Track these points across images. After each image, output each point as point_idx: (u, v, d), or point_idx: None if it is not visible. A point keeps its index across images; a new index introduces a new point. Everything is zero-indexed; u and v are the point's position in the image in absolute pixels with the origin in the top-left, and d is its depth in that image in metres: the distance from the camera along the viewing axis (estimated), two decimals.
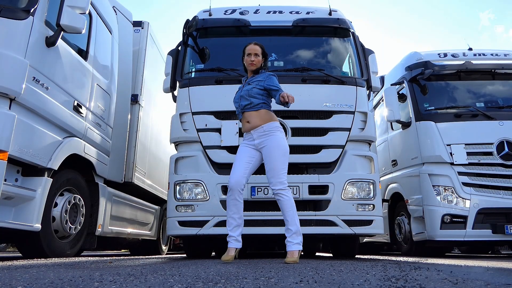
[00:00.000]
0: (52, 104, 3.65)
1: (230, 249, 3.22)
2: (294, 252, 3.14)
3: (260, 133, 3.28)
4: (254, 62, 3.40)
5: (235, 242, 3.24)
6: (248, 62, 3.42)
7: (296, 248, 3.16)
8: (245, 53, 3.46)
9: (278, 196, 3.20)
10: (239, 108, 3.43)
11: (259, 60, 3.43)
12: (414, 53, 6.51)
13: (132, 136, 5.85)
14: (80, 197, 4.21)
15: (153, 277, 1.87)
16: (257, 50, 3.43)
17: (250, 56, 3.41)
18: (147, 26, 6.47)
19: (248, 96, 3.33)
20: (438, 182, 5.47)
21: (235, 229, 3.25)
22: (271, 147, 3.24)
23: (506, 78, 6.17)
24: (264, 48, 3.50)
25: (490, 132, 5.53)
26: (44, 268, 2.46)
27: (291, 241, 3.17)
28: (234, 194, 3.23)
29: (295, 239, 3.17)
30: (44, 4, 3.49)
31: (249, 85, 3.39)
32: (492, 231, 5.21)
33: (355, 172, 4.17)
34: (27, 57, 3.25)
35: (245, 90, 3.38)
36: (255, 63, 3.41)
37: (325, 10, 4.95)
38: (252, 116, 3.31)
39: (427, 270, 2.34)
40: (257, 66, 3.43)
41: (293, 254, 3.12)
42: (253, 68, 3.43)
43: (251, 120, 3.31)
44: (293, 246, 3.16)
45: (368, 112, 4.36)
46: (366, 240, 7.77)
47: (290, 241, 3.18)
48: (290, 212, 3.18)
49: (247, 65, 3.46)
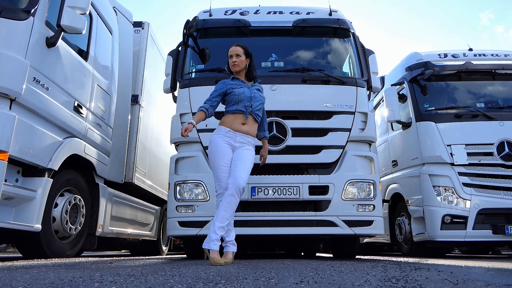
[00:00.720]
0: (53, 104, 3.65)
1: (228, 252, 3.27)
2: (230, 253, 3.24)
3: (244, 141, 3.33)
4: (236, 63, 3.41)
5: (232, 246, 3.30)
6: (231, 64, 3.44)
7: (231, 249, 3.26)
8: (228, 56, 3.49)
9: (236, 193, 3.15)
10: (249, 108, 3.35)
11: (241, 60, 3.42)
12: (414, 53, 6.51)
13: (132, 136, 5.85)
14: (80, 198, 4.21)
15: (153, 278, 1.87)
16: (238, 50, 3.43)
17: (231, 58, 3.43)
18: (147, 26, 6.48)
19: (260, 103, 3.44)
20: (439, 182, 5.47)
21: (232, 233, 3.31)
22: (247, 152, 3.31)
23: (507, 79, 6.17)
24: (247, 49, 3.49)
25: (491, 133, 5.53)
26: (44, 268, 2.46)
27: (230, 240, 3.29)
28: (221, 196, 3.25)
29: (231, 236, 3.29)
30: (44, 4, 3.49)
31: (257, 91, 3.46)
32: (493, 231, 5.21)
33: (356, 172, 4.17)
34: (28, 57, 3.25)
35: (257, 94, 3.43)
36: (237, 64, 3.41)
37: (325, 11, 4.95)
38: (251, 124, 3.38)
39: (428, 271, 2.34)
40: (240, 67, 3.43)
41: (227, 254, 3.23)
42: (236, 69, 3.43)
43: (249, 126, 3.36)
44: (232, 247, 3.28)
45: (368, 113, 4.36)
46: (366, 240, 7.76)
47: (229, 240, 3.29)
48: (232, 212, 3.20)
49: (231, 67, 3.46)
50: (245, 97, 3.34)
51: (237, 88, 3.36)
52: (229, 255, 3.22)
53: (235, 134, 3.30)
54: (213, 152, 3.32)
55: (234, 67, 3.43)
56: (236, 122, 3.33)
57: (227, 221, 3.14)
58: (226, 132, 3.31)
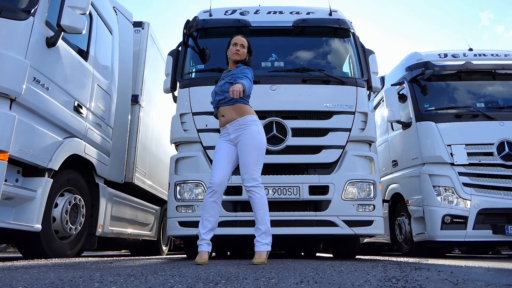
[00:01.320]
0: (53, 104, 3.65)
1: (203, 252, 3.03)
2: (262, 253, 3.01)
3: (235, 127, 3.14)
4: (239, 52, 3.26)
5: (207, 245, 3.08)
6: (233, 51, 3.28)
7: (264, 248, 3.02)
8: (231, 44, 3.34)
9: (250, 193, 3.05)
10: (214, 104, 3.31)
11: (244, 52, 3.30)
12: (414, 53, 6.51)
13: (132, 136, 5.85)
14: (80, 198, 4.21)
15: (153, 278, 1.87)
16: (244, 41, 3.33)
17: (236, 46, 3.29)
18: (148, 26, 6.48)
19: (221, 92, 3.20)
20: (439, 182, 5.47)
21: (209, 232, 3.08)
22: (245, 141, 3.09)
23: (507, 79, 6.17)
24: (250, 45, 3.38)
25: (491, 133, 5.53)
26: (44, 268, 2.46)
27: (260, 241, 3.03)
28: (214, 196, 3.06)
29: (264, 239, 3.03)
30: (44, 4, 3.49)
31: (223, 80, 3.28)
32: (493, 231, 5.21)
33: (356, 172, 4.17)
34: (28, 57, 3.25)
35: (219, 86, 3.27)
36: (240, 53, 3.27)
37: (325, 11, 4.95)
38: (227, 110, 3.18)
39: (428, 271, 2.34)
40: (241, 58, 3.29)
41: (261, 255, 2.99)
42: (237, 58, 3.28)
43: (226, 114, 3.18)
44: (261, 247, 3.02)
45: (368, 113, 4.36)
46: (366, 240, 7.76)
47: (259, 241, 3.03)
48: (261, 211, 3.04)
49: (231, 55, 3.30)
50: (212, 95, 3.33)
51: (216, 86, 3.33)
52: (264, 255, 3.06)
53: (225, 128, 3.21)
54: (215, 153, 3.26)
55: (235, 55, 3.28)
56: (219, 119, 3.27)
57: (268, 221, 3.04)
58: (222, 131, 3.29)
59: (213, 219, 3.08)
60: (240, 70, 3.23)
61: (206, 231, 3.07)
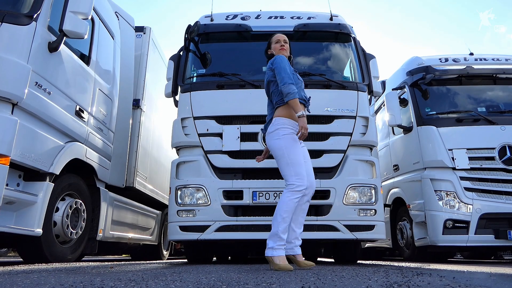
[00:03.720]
0: (54, 108, 3.66)
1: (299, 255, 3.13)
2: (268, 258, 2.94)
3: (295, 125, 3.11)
4: (284, 47, 3.30)
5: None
6: (278, 48, 3.30)
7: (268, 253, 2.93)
8: (273, 42, 3.38)
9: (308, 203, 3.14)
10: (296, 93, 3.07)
11: (288, 47, 3.35)
12: (415, 58, 6.52)
13: (133, 140, 5.86)
14: (81, 202, 4.21)
15: (154, 283, 1.86)
16: (286, 38, 3.38)
17: (279, 42, 3.33)
18: (149, 31, 6.51)
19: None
20: (440, 187, 5.46)
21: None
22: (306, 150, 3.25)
23: (508, 83, 6.17)
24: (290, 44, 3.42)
25: (492, 137, 5.52)
26: (45, 273, 2.46)
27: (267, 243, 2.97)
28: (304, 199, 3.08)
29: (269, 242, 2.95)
30: (47, 9, 3.51)
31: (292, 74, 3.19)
32: (495, 236, 5.18)
33: (357, 177, 4.16)
34: (30, 62, 3.27)
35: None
36: (285, 48, 3.30)
37: (326, 16, 4.97)
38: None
39: (430, 276, 2.33)
40: (287, 53, 3.32)
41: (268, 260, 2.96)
42: (285, 54, 3.28)
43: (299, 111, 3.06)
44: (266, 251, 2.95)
45: (369, 117, 4.36)
46: (368, 245, 7.73)
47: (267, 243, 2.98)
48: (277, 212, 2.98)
49: (277, 51, 3.30)
50: (297, 82, 3.16)
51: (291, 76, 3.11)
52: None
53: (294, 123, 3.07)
54: (291, 146, 3.03)
55: (282, 50, 3.28)
56: (292, 113, 3.07)
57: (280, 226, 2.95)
58: (293, 125, 3.09)
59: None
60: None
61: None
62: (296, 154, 3.03)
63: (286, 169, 3.04)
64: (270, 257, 2.90)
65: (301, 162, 3.04)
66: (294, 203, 2.97)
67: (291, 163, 3.01)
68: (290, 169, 3.01)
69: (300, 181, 2.97)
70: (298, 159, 3.02)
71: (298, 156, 3.03)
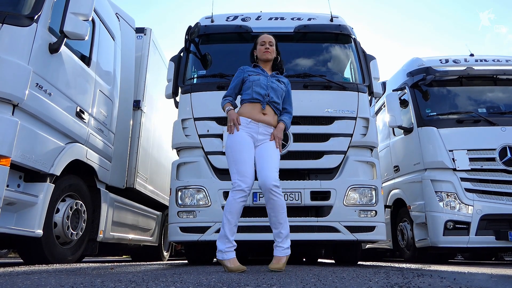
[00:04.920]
0: (55, 110, 3.66)
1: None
2: (282, 258, 2.87)
3: (266, 132, 3.08)
4: (269, 50, 3.21)
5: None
6: (262, 51, 3.22)
7: (285, 253, 2.88)
8: (258, 43, 3.29)
9: (272, 194, 2.87)
10: (267, 97, 3.08)
11: (273, 49, 3.24)
12: (415, 59, 6.52)
13: (134, 141, 5.86)
14: (82, 203, 4.21)
15: (154, 284, 1.86)
16: (271, 39, 3.27)
17: (264, 44, 3.23)
18: (150, 32, 6.52)
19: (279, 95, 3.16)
20: (441, 188, 5.45)
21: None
22: (270, 146, 3.06)
23: (508, 84, 6.17)
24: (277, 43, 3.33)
25: (492, 138, 5.52)
26: (45, 274, 2.46)
27: (281, 246, 2.88)
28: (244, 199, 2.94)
29: (285, 243, 2.89)
30: (47, 11, 3.52)
31: (277, 81, 3.17)
32: (495, 237, 5.18)
33: (357, 178, 4.16)
34: (31, 63, 3.27)
35: (275, 84, 3.15)
36: (270, 51, 3.21)
37: (326, 17, 4.97)
38: (272, 114, 3.12)
39: (430, 277, 2.33)
40: (272, 56, 3.23)
41: (280, 260, 2.86)
42: (268, 56, 3.21)
43: (269, 116, 3.10)
44: (283, 251, 2.87)
45: (370, 118, 4.36)
46: (368, 246, 7.72)
47: (280, 245, 2.89)
48: (283, 214, 2.90)
49: (260, 54, 3.23)
50: (261, 84, 3.09)
51: (253, 75, 3.16)
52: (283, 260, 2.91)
53: (257, 124, 3.04)
54: (235, 144, 2.98)
55: (266, 53, 3.20)
56: (255, 112, 3.06)
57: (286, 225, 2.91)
58: (247, 123, 3.04)
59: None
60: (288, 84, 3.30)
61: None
62: (239, 152, 2.98)
63: (230, 168, 3.02)
64: (221, 260, 2.84)
65: (245, 160, 2.96)
66: (238, 203, 2.87)
67: (233, 161, 2.98)
68: (233, 168, 2.98)
69: (241, 181, 2.90)
70: (241, 157, 2.97)
71: (241, 154, 2.98)
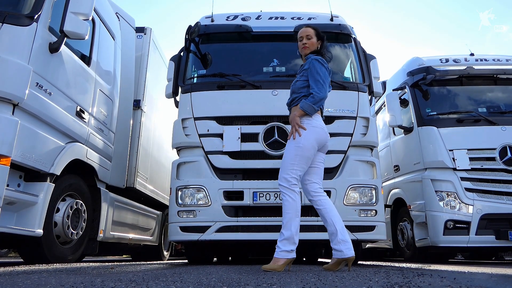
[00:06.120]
0: (55, 109, 3.66)
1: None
2: (278, 260, 2.79)
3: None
4: (306, 45, 3.14)
5: None
6: (301, 47, 3.19)
7: (281, 256, 2.80)
8: (298, 39, 3.24)
9: (281, 193, 2.90)
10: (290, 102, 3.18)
11: (312, 42, 3.15)
12: (415, 58, 6.52)
13: (134, 141, 5.86)
14: (82, 203, 4.21)
15: (154, 284, 1.86)
16: (309, 31, 3.18)
17: (302, 40, 3.18)
18: (150, 32, 6.51)
19: (292, 92, 3.17)
20: (441, 187, 5.45)
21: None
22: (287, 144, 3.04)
23: (508, 83, 6.17)
24: (319, 30, 3.21)
25: (493, 137, 5.52)
26: (45, 273, 2.46)
27: (279, 247, 2.84)
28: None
29: (284, 245, 2.82)
30: (47, 10, 3.52)
31: (299, 75, 3.17)
32: (496, 237, 5.18)
33: (357, 177, 4.16)
34: (31, 63, 3.27)
35: (292, 84, 3.20)
36: (307, 46, 3.15)
37: (326, 16, 4.97)
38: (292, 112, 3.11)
39: (430, 277, 2.33)
40: (310, 49, 3.16)
41: (275, 261, 2.79)
42: (306, 52, 3.17)
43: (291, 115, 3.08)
44: (279, 253, 2.82)
45: (370, 117, 4.36)
46: (368, 246, 7.72)
47: (278, 246, 2.85)
48: (287, 215, 2.87)
49: (300, 50, 3.22)
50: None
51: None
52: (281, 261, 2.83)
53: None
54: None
55: (303, 49, 3.17)
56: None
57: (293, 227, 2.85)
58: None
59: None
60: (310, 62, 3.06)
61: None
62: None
63: None
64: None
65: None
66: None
67: None
68: None
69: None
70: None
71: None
